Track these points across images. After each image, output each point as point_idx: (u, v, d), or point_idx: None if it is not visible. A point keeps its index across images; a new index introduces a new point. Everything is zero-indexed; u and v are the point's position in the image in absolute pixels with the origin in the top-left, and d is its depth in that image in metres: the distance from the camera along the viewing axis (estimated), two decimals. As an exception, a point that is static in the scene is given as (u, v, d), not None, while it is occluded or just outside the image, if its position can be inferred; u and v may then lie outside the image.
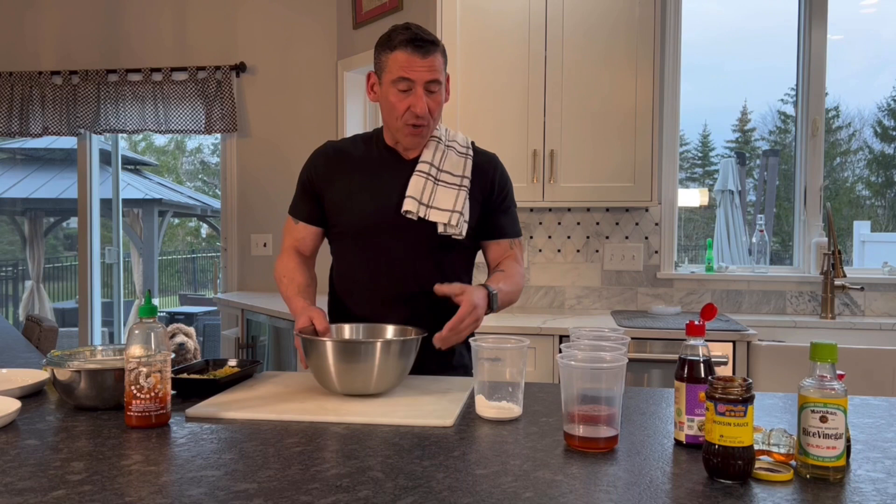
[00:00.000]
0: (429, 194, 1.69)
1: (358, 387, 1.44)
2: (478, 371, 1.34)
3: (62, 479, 1.01)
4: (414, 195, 1.68)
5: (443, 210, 1.68)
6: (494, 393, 1.33)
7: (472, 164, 1.75)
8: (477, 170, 1.76)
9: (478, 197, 1.75)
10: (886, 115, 10.55)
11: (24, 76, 4.13)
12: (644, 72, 2.96)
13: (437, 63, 1.65)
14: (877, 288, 3.20)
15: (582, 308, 3.34)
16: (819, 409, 1.02)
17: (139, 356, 1.26)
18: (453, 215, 1.68)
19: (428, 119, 1.66)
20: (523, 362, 1.35)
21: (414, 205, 1.68)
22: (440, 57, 1.66)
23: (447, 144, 1.76)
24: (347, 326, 1.65)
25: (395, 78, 1.63)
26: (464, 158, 1.75)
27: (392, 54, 1.64)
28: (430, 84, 1.64)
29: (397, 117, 1.66)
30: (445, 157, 1.74)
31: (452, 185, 1.71)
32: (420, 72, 1.62)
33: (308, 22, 3.97)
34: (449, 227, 1.68)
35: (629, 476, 1.03)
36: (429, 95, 1.65)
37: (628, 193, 3.00)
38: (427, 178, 1.70)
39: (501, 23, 3.03)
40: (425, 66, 1.62)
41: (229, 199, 4.11)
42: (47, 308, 8.56)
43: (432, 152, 1.73)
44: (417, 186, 1.69)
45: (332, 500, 0.94)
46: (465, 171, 1.74)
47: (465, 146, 1.78)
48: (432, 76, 1.63)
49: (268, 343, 3.49)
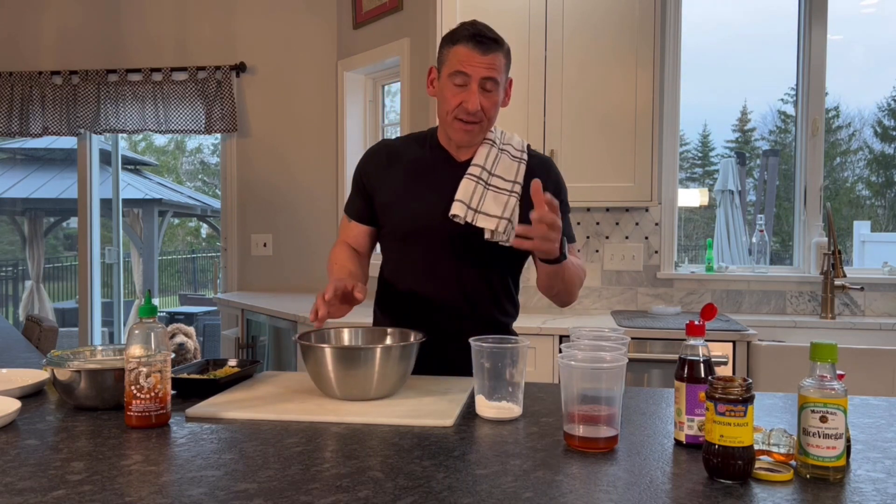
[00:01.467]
0: (478, 199, 1.65)
1: (358, 393, 1.42)
2: (477, 371, 1.34)
3: (62, 479, 1.01)
4: (463, 199, 1.64)
5: (491, 216, 1.64)
6: (494, 393, 1.33)
7: (525, 168, 1.71)
8: (530, 175, 1.68)
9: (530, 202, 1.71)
10: (886, 115, 10.56)
11: (24, 76, 4.13)
12: (644, 72, 2.96)
13: (497, 62, 1.62)
14: (877, 288, 3.20)
15: (582, 308, 3.34)
16: (819, 409, 1.02)
17: (139, 356, 1.26)
18: (501, 222, 1.64)
19: (480, 117, 1.63)
20: (523, 362, 1.35)
21: (462, 209, 1.64)
22: (502, 57, 1.64)
23: (501, 147, 1.71)
24: (347, 331, 1.63)
25: (452, 71, 1.62)
26: (517, 163, 1.71)
27: (453, 48, 1.62)
28: (485, 81, 1.61)
29: (448, 111, 1.64)
30: (498, 161, 1.69)
31: (503, 190, 1.67)
32: (477, 67, 1.60)
33: (308, 22, 3.97)
34: (496, 233, 1.64)
35: (629, 476, 1.03)
36: (484, 94, 1.62)
37: (628, 193, 3.00)
38: (477, 182, 1.66)
39: (501, 23, 3.01)
40: (484, 63, 1.60)
41: (229, 199, 4.11)
42: (47, 308, 8.56)
43: (485, 155, 1.69)
44: (467, 190, 1.65)
45: (332, 500, 0.94)
46: (517, 176, 1.69)
47: (520, 150, 1.74)
48: (489, 73, 1.60)
49: (268, 343, 3.49)
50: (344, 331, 1.63)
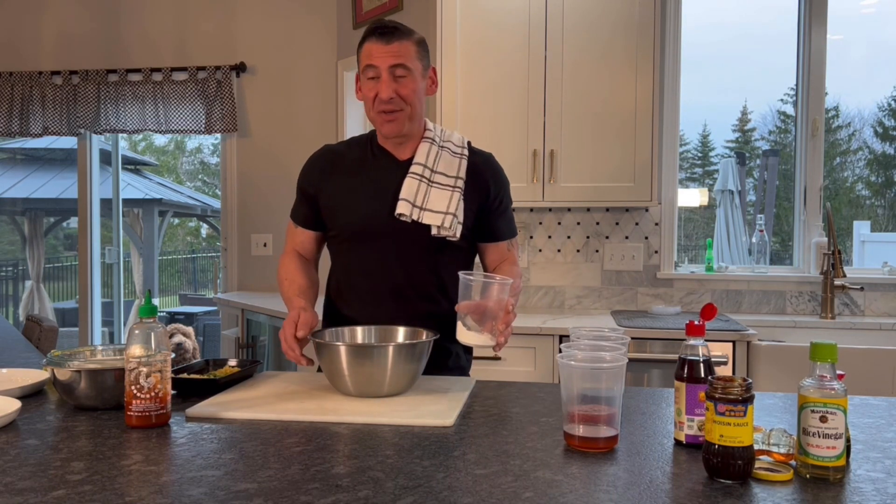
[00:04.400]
0: (422, 196, 1.68)
1: (372, 390, 1.44)
2: (464, 298, 1.46)
3: (62, 479, 1.01)
4: (407, 197, 1.68)
5: (436, 212, 1.68)
6: (476, 324, 1.45)
7: (467, 164, 1.75)
8: (473, 171, 1.75)
9: (474, 199, 1.74)
10: (886, 114, 10.55)
11: (24, 76, 4.13)
12: (644, 71, 2.96)
13: (404, 49, 1.64)
14: (877, 288, 3.20)
15: (582, 308, 3.34)
16: (819, 409, 1.02)
17: (139, 356, 1.26)
18: (447, 217, 1.68)
19: (400, 104, 1.65)
20: (506, 295, 1.46)
21: (407, 207, 1.67)
22: (411, 45, 1.65)
23: (441, 145, 1.75)
24: (360, 329, 1.65)
25: (363, 67, 1.66)
26: (458, 159, 1.74)
27: (363, 47, 1.67)
28: (394, 69, 1.63)
29: (370, 108, 1.68)
30: (439, 158, 1.73)
31: (446, 186, 1.70)
32: (383, 57, 1.63)
33: (308, 22, 3.97)
34: (442, 229, 1.68)
35: (629, 476, 1.03)
36: (396, 80, 1.64)
37: (628, 193, 3.00)
38: (420, 180, 1.70)
39: (501, 22, 3.03)
40: (389, 51, 1.63)
41: (229, 199, 4.11)
42: (47, 308, 8.55)
43: (426, 153, 1.72)
44: (411, 188, 1.69)
45: (332, 500, 0.94)
46: (459, 171, 1.73)
47: (460, 146, 1.77)
48: (396, 60, 1.63)
49: (268, 343, 3.49)
50: (357, 329, 1.65)
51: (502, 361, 2.75)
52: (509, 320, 1.50)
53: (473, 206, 1.74)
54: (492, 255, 1.81)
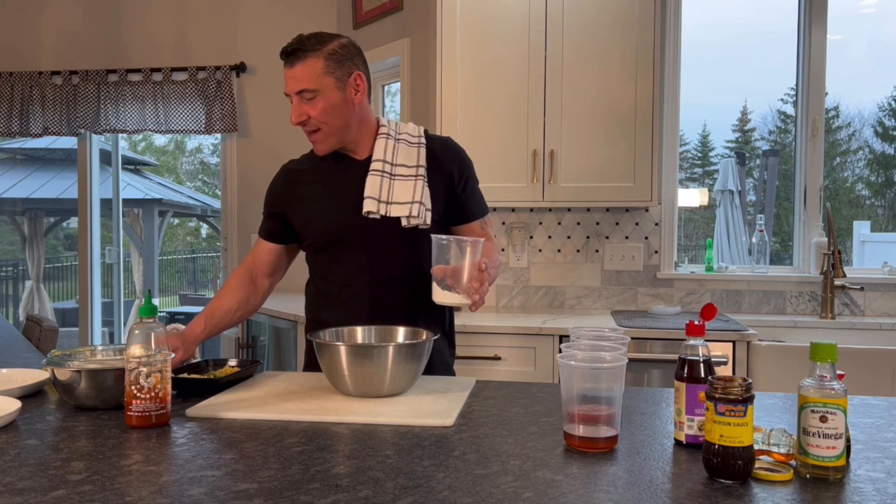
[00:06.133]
0: (386, 191, 1.70)
1: (372, 390, 1.45)
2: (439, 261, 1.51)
3: (62, 479, 1.01)
4: (372, 195, 1.69)
5: (402, 203, 1.69)
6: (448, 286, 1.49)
7: (425, 151, 1.76)
8: (433, 157, 1.75)
9: (439, 184, 1.74)
10: (887, 114, 10.55)
11: (24, 76, 4.13)
12: (644, 71, 2.96)
13: (306, 70, 1.66)
14: (877, 288, 3.20)
15: (582, 308, 3.34)
16: (819, 409, 1.02)
17: (139, 356, 1.26)
18: (413, 206, 1.69)
19: (316, 124, 1.68)
20: (479, 255, 1.51)
21: (374, 204, 1.69)
22: (311, 61, 1.66)
23: (397, 138, 1.76)
24: (360, 329, 1.65)
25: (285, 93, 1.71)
26: (416, 148, 1.75)
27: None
28: (301, 93, 1.67)
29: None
30: (397, 151, 1.74)
31: (408, 176, 1.72)
32: (289, 82, 1.68)
33: (308, 22, 3.97)
34: (412, 218, 1.69)
35: (629, 476, 1.03)
36: (306, 103, 1.67)
37: (628, 193, 3.00)
38: (382, 176, 1.71)
39: (501, 22, 3.03)
40: (291, 76, 1.68)
41: (229, 199, 4.11)
42: (47, 308, 8.56)
43: (383, 149, 1.74)
44: (374, 186, 1.70)
45: (332, 500, 0.94)
46: (419, 160, 1.74)
47: (416, 136, 1.78)
48: (299, 86, 1.66)
49: (268, 343, 3.49)
50: (357, 329, 1.65)
51: (502, 361, 2.75)
52: (483, 278, 1.51)
53: (440, 190, 1.74)
54: (466, 235, 1.80)
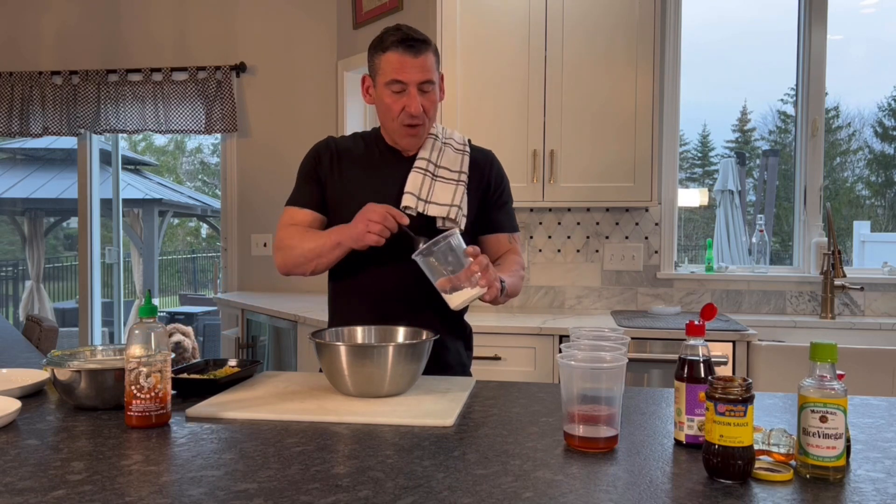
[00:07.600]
0: (427, 190, 1.71)
1: (372, 390, 1.45)
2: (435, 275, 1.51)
3: (62, 479, 1.01)
4: (412, 191, 1.70)
5: (441, 205, 1.70)
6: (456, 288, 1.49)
7: (469, 160, 1.78)
8: (474, 165, 1.79)
9: (475, 192, 1.77)
10: (887, 114, 10.55)
11: (24, 76, 4.13)
12: (644, 71, 2.96)
13: (429, 62, 1.65)
14: (877, 288, 3.20)
15: (582, 308, 3.34)
16: (819, 409, 1.02)
17: (139, 356, 1.26)
18: (451, 209, 1.70)
19: (423, 118, 1.68)
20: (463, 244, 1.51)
21: (413, 200, 1.69)
22: (432, 56, 1.67)
23: (444, 142, 1.78)
24: (360, 329, 1.65)
25: (388, 80, 1.65)
26: (461, 155, 1.78)
27: (384, 56, 1.65)
28: (423, 84, 1.65)
29: (393, 118, 1.68)
30: (443, 154, 1.76)
31: (450, 180, 1.73)
32: (412, 73, 1.63)
33: (308, 22, 3.97)
34: (448, 220, 1.70)
35: (629, 476, 1.03)
36: (423, 95, 1.66)
37: (628, 193, 3.00)
38: (425, 175, 1.72)
39: (501, 22, 3.03)
40: (417, 66, 1.63)
41: (229, 199, 4.11)
42: (47, 308, 8.55)
43: (429, 150, 1.75)
44: (416, 182, 1.71)
45: (332, 500, 0.94)
46: (462, 166, 1.76)
47: (461, 143, 1.81)
48: (425, 76, 1.65)
49: (268, 343, 3.49)
50: (357, 329, 1.65)
51: (502, 361, 2.75)
52: (481, 262, 1.50)
53: (475, 199, 1.77)
54: (492, 247, 1.82)
